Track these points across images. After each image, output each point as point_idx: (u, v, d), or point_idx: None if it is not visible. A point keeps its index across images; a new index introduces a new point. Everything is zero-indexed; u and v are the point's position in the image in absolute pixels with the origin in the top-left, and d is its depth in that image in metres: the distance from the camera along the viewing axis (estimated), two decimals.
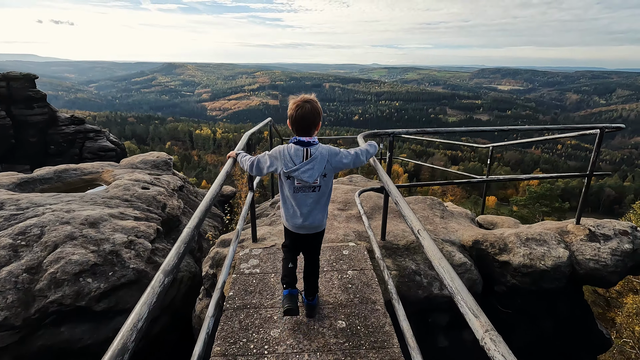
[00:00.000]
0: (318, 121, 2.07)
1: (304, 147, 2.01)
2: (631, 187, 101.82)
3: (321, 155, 2.02)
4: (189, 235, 1.39)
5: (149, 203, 4.68)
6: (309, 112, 2.00)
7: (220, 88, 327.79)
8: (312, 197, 2.07)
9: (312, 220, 2.12)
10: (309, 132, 2.04)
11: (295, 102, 2.04)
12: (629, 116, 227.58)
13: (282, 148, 2.06)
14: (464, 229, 3.88)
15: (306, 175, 1.98)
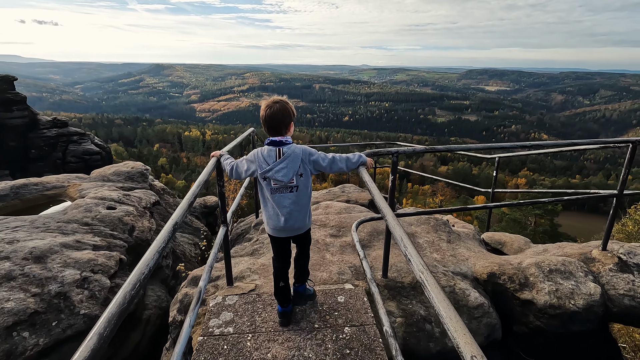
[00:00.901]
0: (288, 121, 2.06)
1: (276, 147, 2.03)
2: (615, 185, 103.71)
3: (294, 154, 2.02)
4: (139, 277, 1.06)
5: (114, 226, 4.07)
6: (277, 112, 2.01)
7: (210, 89, 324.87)
8: (290, 198, 2.06)
9: (294, 222, 2.10)
10: (280, 132, 2.06)
11: (266, 102, 2.06)
12: (611, 116, 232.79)
13: (257, 150, 2.10)
14: (475, 256, 3.38)
15: (280, 175, 1.99)
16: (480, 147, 2.69)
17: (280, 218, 2.09)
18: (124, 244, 3.89)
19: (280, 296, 2.28)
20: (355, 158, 2.20)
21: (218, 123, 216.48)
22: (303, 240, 2.31)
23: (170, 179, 69.51)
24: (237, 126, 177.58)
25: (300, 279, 2.46)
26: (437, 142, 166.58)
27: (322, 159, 2.11)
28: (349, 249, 3.19)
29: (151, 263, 1.16)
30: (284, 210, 2.07)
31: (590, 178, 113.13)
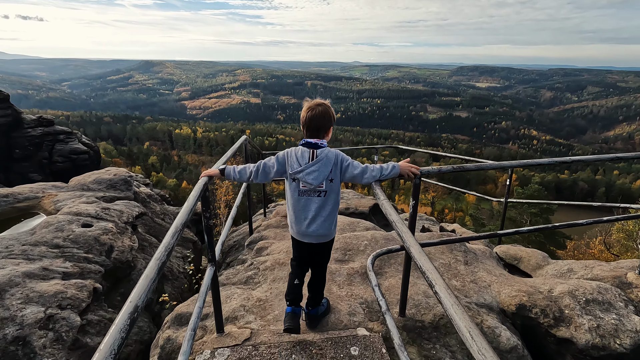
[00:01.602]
0: (329, 125, 2.06)
1: (310, 149, 2.01)
2: (602, 180, 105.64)
3: (327, 158, 2.00)
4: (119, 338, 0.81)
5: (89, 248, 3.61)
6: (319, 115, 2.01)
7: (200, 86, 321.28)
8: (316, 203, 2.03)
9: (317, 228, 2.05)
10: (318, 135, 2.04)
11: (308, 105, 2.04)
12: (598, 112, 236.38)
13: (290, 150, 2.07)
14: (497, 281, 3.00)
15: (311, 177, 1.98)
16: (523, 164, 2.31)
17: (304, 222, 2.06)
18: (100, 268, 3.43)
19: (292, 293, 2.21)
20: (389, 168, 2.03)
21: (209, 120, 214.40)
22: (324, 251, 2.22)
23: (161, 177, 68.46)
24: (228, 123, 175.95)
25: (314, 303, 2.33)
26: (428, 138, 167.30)
27: (355, 167, 2.04)
28: (358, 278, 2.78)
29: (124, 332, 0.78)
30: (310, 214, 2.04)
31: (578, 173, 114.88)
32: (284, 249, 3.28)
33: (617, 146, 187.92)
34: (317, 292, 2.29)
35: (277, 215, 4.31)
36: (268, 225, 4.09)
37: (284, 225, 4.07)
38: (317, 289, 2.29)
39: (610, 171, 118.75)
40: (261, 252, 3.47)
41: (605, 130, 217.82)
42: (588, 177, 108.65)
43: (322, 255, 2.23)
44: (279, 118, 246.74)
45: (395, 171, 2.03)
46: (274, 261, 3.00)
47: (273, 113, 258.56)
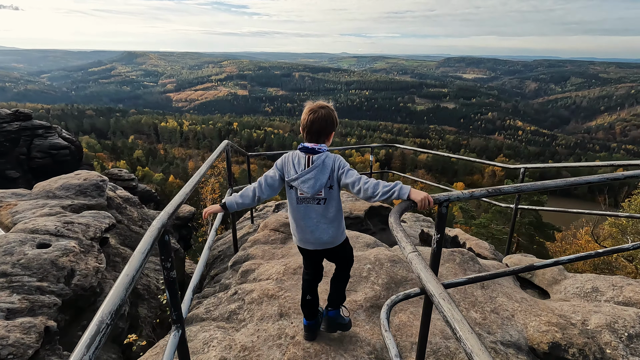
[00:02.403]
0: (330, 130, 1.94)
1: (307, 154, 1.89)
2: (585, 169, 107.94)
3: (324, 164, 1.87)
4: None
5: (44, 274, 3.07)
6: (321, 118, 1.87)
7: (186, 78, 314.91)
8: (317, 210, 1.92)
9: (320, 236, 1.95)
10: (318, 139, 1.91)
11: (310, 107, 1.91)
12: (581, 103, 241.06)
13: (288, 154, 1.98)
14: (520, 309, 2.60)
15: (306, 186, 1.86)
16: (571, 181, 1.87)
17: (306, 230, 1.96)
18: (56, 300, 2.91)
19: (307, 309, 2.14)
20: (391, 189, 1.66)
21: (196, 113, 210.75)
22: (336, 256, 2.11)
23: (147, 171, 66.94)
24: (215, 116, 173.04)
25: (334, 303, 2.19)
26: (416, 130, 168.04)
27: (348, 175, 1.83)
28: (363, 315, 2.34)
29: None
30: (310, 222, 1.94)
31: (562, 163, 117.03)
32: (274, 273, 2.81)
33: (599, 136, 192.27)
34: (337, 289, 2.17)
35: (266, 229, 3.82)
36: (255, 241, 3.60)
37: (272, 240, 3.59)
38: (337, 285, 2.17)
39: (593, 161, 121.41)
40: (247, 275, 2.99)
41: (587, 120, 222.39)
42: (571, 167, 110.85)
43: (335, 259, 2.13)
44: (267, 110, 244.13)
45: (401, 194, 1.64)
46: (262, 292, 2.53)
47: (261, 105, 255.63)
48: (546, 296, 3.78)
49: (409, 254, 1.13)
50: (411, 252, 1.14)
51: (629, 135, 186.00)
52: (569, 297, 3.13)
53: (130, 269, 1.03)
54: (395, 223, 1.36)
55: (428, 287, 1.06)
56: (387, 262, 2.77)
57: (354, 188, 1.78)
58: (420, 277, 1.11)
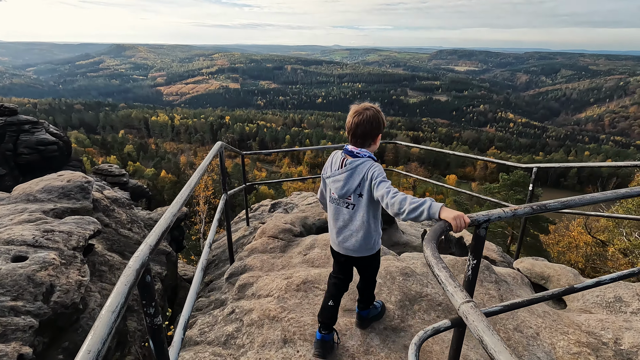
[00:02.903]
0: (376, 133, 1.82)
1: (344, 156, 1.84)
2: (574, 161, 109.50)
3: (357, 169, 1.77)
4: None
5: (19, 291, 2.78)
6: (367, 121, 1.75)
7: (176, 71, 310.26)
8: (344, 214, 1.87)
9: (344, 240, 1.88)
10: (364, 143, 1.81)
11: (355, 109, 1.80)
12: (571, 95, 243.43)
13: (335, 152, 1.95)
14: (544, 325, 2.40)
15: (334, 186, 1.85)
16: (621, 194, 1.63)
17: (334, 230, 1.94)
18: (33, 321, 2.62)
19: (324, 316, 2.00)
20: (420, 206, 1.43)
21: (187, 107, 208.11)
22: (360, 266, 2.03)
23: (138, 167, 66.03)
24: (207, 110, 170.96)
25: (363, 305, 2.16)
26: (409, 122, 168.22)
27: (378, 188, 1.67)
28: (376, 339, 2.08)
29: None
30: (338, 223, 1.91)
31: (552, 155, 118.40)
32: (274, 289, 2.55)
33: (588, 128, 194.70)
34: (364, 295, 2.11)
35: (263, 236, 3.56)
36: (252, 250, 3.34)
37: (271, 249, 3.33)
38: (363, 292, 2.11)
39: (582, 152, 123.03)
40: (244, 290, 2.73)
41: (577, 112, 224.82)
42: (561, 158, 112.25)
43: (359, 269, 2.05)
44: (259, 104, 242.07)
45: (431, 214, 1.40)
46: (262, 313, 2.27)
47: (253, 98, 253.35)
48: (561, 302, 3.61)
49: (461, 305, 0.88)
50: (464, 302, 0.89)
51: (617, 127, 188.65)
52: (590, 307, 2.94)
53: (94, 341, 0.75)
54: (432, 257, 1.11)
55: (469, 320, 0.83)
56: (399, 276, 2.54)
57: (382, 202, 1.65)
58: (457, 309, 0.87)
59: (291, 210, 6.71)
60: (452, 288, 0.94)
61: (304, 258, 3.05)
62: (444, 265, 1.10)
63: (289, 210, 6.74)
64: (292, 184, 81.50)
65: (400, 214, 1.50)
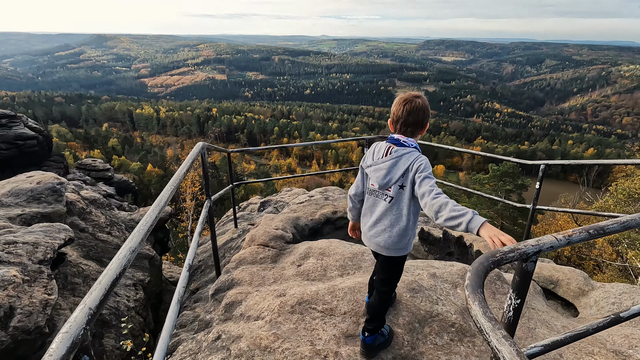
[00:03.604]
0: (426, 121, 1.75)
1: (389, 144, 1.74)
2: (558, 150, 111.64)
3: (402, 158, 1.67)
4: None
5: None
6: (418, 108, 1.69)
7: (161, 62, 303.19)
8: (381, 207, 1.76)
9: (375, 234, 1.77)
10: (413, 132, 1.74)
11: (403, 97, 1.73)
12: (555, 85, 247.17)
13: (376, 142, 1.88)
14: None
15: (375, 176, 1.76)
16: None
17: (367, 223, 1.84)
18: None
19: (370, 286, 2.14)
20: (458, 216, 1.34)
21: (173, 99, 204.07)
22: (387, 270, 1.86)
23: (123, 161, 64.52)
24: (193, 102, 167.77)
25: (372, 329, 1.88)
26: None
27: (421, 184, 1.56)
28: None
29: None
30: (373, 216, 1.80)
31: (537, 144, 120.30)
32: (266, 310, 2.25)
33: (571, 117, 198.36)
34: (375, 313, 1.88)
35: (252, 244, 3.24)
36: (240, 261, 3.02)
37: (261, 259, 3.02)
38: (376, 310, 1.87)
39: (566, 141, 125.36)
40: (232, 310, 2.43)
41: (561, 102, 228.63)
42: (546, 147, 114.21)
43: (383, 270, 1.86)
44: (247, 95, 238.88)
45: (470, 227, 1.29)
46: (253, 341, 1.98)
47: (240, 90, 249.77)
48: (570, 307, 3.41)
49: None
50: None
51: (599, 116, 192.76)
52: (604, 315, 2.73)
53: None
54: (477, 303, 0.82)
55: None
56: (405, 293, 2.27)
57: (422, 200, 1.54)
58: None
59: (282, 209, 6.40)
60: (500, 343, 0.66)
61: (297, 270, 2.76)
62: (489, 315, 0.82)
63: (279, 208, 6.43)
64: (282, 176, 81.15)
65: (437, 217, 1.42)
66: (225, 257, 4.55)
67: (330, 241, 3.13)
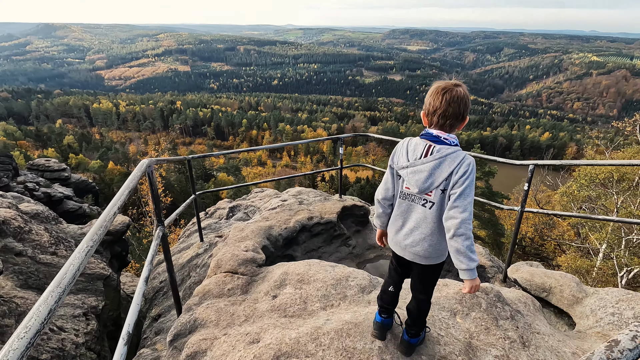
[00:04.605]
0: (466, 114, 1.52)
1: (428, 142, 1.53)
2: (517, 134, 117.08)
3: (448, 158, 1.47)
4: None
5: None
6: (460, 98, 1.47)
7: (118, 53, 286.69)
8: (419, 212, 1.58)
9: (413, 243, 1.61)
10: (452, 127, 1.52)
11: (442, 86, 1.51)
12: (513, 72, 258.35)
13: (401, 142, 1.64)
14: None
15: (414, 179, 1.53)
16: None
17: (400, 231, 1.65)
18: None
19: (384, 301, 1.87)
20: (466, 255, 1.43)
21: (133, 92, 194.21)
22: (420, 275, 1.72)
23: (81, 159, 60.60)
24: (156, 95, 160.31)
25: (412, 332, 1.84)
26: (365, 102, 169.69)
27: (459, 195, 1.43)
28: None
29: None
30: (408, 223, 1.62)
31: (498, 129, 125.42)
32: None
33: (528, 103, 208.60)
34: (416, 320, 1.82)
35: (218, 271, 2.78)
36: (205, 294, 2.56)
37: (230, 291, 2.57)
38: (415, 317, 1.81)
39: (524, 127, 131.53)
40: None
41: (519, 89, 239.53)
42: (506, 133, 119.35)
43: (421, 280, 1.75)
44: (212, 87, 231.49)
45: (469, 274, 1.48)
46: None
47: (205, 81, 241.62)
48: (564, 315, 3.25)
49: None
50: None
51: (553, 102, 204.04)
52: (608, 331, 2.55)
53: None
54: None
55: None
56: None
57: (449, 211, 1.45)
58: None
59: (252, 215, 5.93)
60: None
61: (273, 303, 2.35)
62: None
63: (250, 214, 5.95)
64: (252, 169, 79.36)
65: (450, 236, 1.44)
66: (190, 277, 4.06)
67: (309, 263, 2.74)
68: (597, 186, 11.36)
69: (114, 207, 1.52)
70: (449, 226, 1.45)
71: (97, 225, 1.34)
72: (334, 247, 4.97)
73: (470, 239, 1.42)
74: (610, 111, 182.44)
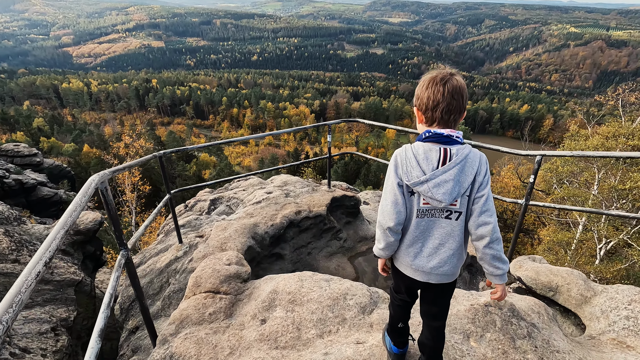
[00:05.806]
0: (465, 107, 1.33)
1: (440, 146, 1.31)
2: (497, 107, 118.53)
3: (468, 160, 1.29)
4: None
5: None
6: (461, 88, 1.29)
7: (85, 29, 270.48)
8: (443, 227, 1.36)
9: (440, 263, 1.38)
10: (455, 123, 1.32)
11: (438, 76, 1.30)
12: (494, 44, 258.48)
13: (402, 150, 1.38)
14: None
15: (441, 191, 1.29)
16: None
17: (421, 253, 1.40)
18: None
19: (397, 337, 1.71)
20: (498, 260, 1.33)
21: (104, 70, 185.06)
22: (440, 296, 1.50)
23: (54, 143, 57.78)
24: (129, 72, 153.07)
25: None
26: (348, 77, 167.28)
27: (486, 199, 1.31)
28: None
29: None
30: (431, 242, 1.39)
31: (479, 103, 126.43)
32: None
33: (508, 75, 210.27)
34: (432, 355, 1.59)
35: (198, 291, 2.45)
36: (182, 320, 2.24)
37: (211, 315, 2.26)
38: (431, 354, 1.59)
39: (503, 99, 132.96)
40: None
41: (499, 61, 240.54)
42: (487, 106, 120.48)
43: (439, 302, 1.51)
44: (189, 63, 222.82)
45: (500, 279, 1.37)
46: None
47: (181, 58, 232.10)
48: (570, 314, 3.10)
49: None
50: None
51: (532, 74, 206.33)
52: (623, 337, 2.38)
53: None
54: None
55: None
56: None
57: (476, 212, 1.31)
58: None
59: (236, 208, 5.55)
60: None
61: (261, 331, 2.05)
62: None
63: (233, 207, 5.58)
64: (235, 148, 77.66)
65: (488, 243, 1.31)
66: (169, 284, 3.71)
67: (301, 278, 2.43)
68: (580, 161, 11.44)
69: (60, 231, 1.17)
70: (483, 233, 1.30)
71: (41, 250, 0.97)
72: (324, 241, 4.70)
73: (497, 236, 1.32)
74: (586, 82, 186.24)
